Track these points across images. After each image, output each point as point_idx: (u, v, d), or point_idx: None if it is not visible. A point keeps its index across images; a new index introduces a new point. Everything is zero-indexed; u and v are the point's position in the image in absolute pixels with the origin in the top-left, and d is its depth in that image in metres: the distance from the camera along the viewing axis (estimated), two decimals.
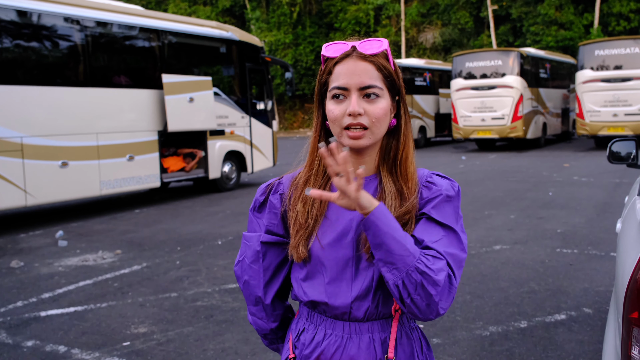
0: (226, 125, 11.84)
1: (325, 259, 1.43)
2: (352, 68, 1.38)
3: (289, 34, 38.45)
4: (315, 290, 1.45)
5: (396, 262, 1.28)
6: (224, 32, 12.03)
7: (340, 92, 1.38)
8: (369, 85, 1.37)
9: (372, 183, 1.47)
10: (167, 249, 7.10)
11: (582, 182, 11.81)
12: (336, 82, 1.39)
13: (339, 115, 1.38)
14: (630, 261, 1.97)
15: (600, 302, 4.77)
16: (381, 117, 1.39)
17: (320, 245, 1.43)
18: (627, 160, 3.77)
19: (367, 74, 1.38)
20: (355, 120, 1.36)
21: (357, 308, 1.41)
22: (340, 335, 1.43)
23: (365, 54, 1.38)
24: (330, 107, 1.40)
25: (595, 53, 18.73)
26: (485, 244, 6.88)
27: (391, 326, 1.43)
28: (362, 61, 1.38)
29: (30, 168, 8.42)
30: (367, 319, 1.42)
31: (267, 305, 1.56)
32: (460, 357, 3.83)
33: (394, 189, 1.43)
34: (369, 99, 1.38)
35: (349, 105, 1.36)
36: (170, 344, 4.18)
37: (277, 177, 1.58)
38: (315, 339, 1.46)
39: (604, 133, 18.42)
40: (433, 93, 24.51)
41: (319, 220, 1.45)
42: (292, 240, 1.46)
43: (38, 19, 8.76)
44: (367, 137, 1.38)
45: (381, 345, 1.42)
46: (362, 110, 1.36)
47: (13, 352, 4.11)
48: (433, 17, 36.93)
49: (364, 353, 1.41)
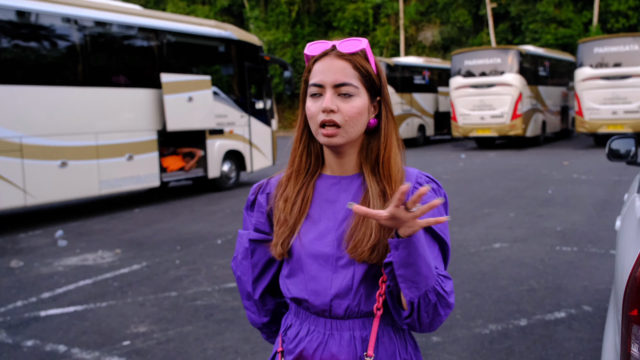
0: (225, 125, 11.83)
1: (305, 257, 1.45)
2: (328, 66, 1.39)
3: (287, 33, 38.44)
4: (297, 287, 1.47)
5: (419, 282, 1.30)
6: (223, 31, 12.02)
7: (317, 89, 1.40)
8: (343, 83, 1.38)
9: (355, 182, 1.48)
10: (166, 248, 7.09)
11: (582, 179, 11.81)
12: (313, 79, 1.41)
13: (315, 112, 1.39)
14: (629, 258, 1.97)
15: (600, 300, 4.77)
16: (354, 115, 1.39)
17: (301, 243, 1.45)
18: (627, 157, 3.77)
19: (342, 72, 1.38)
20: (327, 117, 1.37)
21: (338, 306, 1.42)
22: (322, 332, 1.44)
23: (343, 52, 1.39)
24: (308, 104, 1.42)
25: (594, 50, 18.73)
26: (485, 242, 6.88)
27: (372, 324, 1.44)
28: (339, 59, 1.39)
29: (30, 168, 8.41)
30: (348, 316, 1.43)
31: (256, 300, 1.61)
32: (460, 355, 3.83)
33: (377, 189, 1.43)
34: (343, 97, 1.38)
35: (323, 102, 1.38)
36: (170, 343, 4.18)
37: (269, 177, 1.61)
38: (299, 335, 1.48)
39: (603, 131, 18.42)
40: (432, 91, 24.50)
41: (300, 218, 1.47)
42: (274, 238, 1.49)
43: (37, 19, 8.75)
44: (340, 136, 1.39)
45: (362, 343, 1.43)
46: (336, 108, 1.37)
47: (13, 351, 4.11)
48: (432, 15, 36.94)
49: (345, 350, 1.42)
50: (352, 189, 1.47)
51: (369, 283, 1.42)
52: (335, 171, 1.49)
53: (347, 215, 1.44)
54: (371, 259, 1.38)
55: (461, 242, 6.80)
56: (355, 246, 1.39)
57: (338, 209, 1.46)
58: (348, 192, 1.47)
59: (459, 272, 5.63)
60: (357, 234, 1.40)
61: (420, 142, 23.51)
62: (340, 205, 1.46)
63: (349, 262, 1.41)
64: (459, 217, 8.29)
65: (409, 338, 1.51)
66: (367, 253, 1.38)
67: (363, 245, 1.38)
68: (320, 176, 1.51)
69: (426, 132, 24.02)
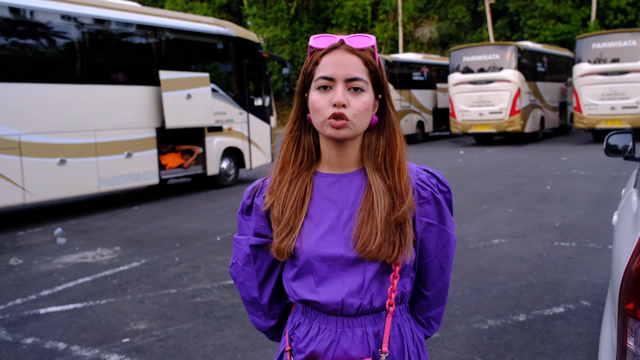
0: (224, 122, 11.83)
1: (314, 259, 1.43)
2: (339, 60, 1.38)
3: (286, 30, 38.36)
4: (306, 289, 1.46)
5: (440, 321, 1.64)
6: (221, 29, 12.01)
7: (327, 82, 1.38)
8: (355, 78, 1.38)
9: (356, 179, 1.47)
10: (166, 246, 7.10)
11: (580, 175, 11.82)
12: (322, 72, 1.39)
13: (324, 106, 1.38)
14: (625, 252, 1.98)
15: (598, 295, 4.78)
16: (363, 111, 1.39)
17: (307, 244, 1.44)
18: (624, 153, 3.77)
19: (354, 66, 1.38)
20: (338, 111, 1.37)
21: (350, 305, 1.42)
22: (334, 330, 1.44)
23: (353, 47, 1.39)
24: (315, 97, 1.40)
25: (592, 46, 18.72)
26: (484, 238, 6.90)
27: (384, 320, 1.45)
28: (350, 54, 1.39)
29: (28, 166, 8.41)
30: (360, 314, 1.43)
31: (263, 305, 1.58)
32: (459, 350, 3.84)
33: (383, 185, 1.43)
34: (353, 92, 1.38)
35: (334, 96, 1.37)
36: (170, 340, 4.19)
37: (262, 178, 1.58)
38: (309, 334, 1.47)
39: (602, 126, 18.42)
40: (431, 88, 24.49)
41: (299, 216, 1.45)
42: (275, 240, 1.47)
43: (35, 16, 8.74)
44: (348, 128, 1.38)
45: (374, 338, 1.44)
46: (346, 102, 1.37)
47: (13, 349, 4.11)
48: (430, 11, 36.87)
49: (358, 346, 1.43)
50: (354, 187, 1.46)
51: (380, 280, 1.43)
52: (334, 168, 1.47)
53: (352, 214, 1.43)
54: (380, 256, 1.39)
55: (460, 238, 6.81)
56: (363, 244, 1.39)
57: (342, 208, 1.45)
58: (350, 189, 1.46)
59: (457, 267, 5.64)
60: (364, 233, 1.39)
61: (419, 139, 23.51)
62: (343, 203, 1.45)
63: (359, 261, 1.41)
64: (458, 213, 8.30)
65: (416, 330, 1.53)
66: (376, 251, 1.38)
67: (371, 244, 1.38)
68: (316, 174, 1.49)
69: (425, 129, 24.01)
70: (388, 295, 1.42)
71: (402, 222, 1.41)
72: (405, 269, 1.45)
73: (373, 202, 1.41)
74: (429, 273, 1.53)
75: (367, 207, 1.41)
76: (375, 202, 1.40)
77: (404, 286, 1.46)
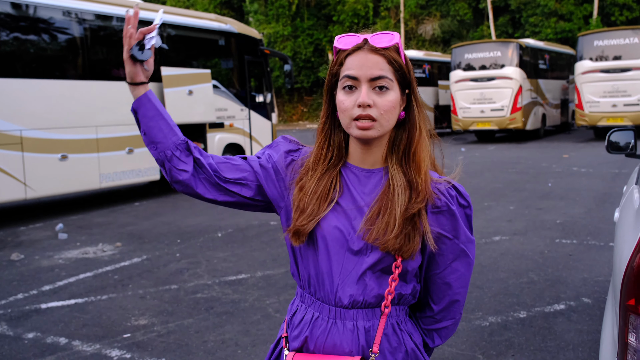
0: (225, 118, 11.83)
1: (320, 240, 1.45)
2: (363, 60, 1.39)
3: (287, 26, 38.33)
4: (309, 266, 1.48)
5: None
6: (223, 25, 12.00)
7: (351, 81, 1.40)
8: (379, 76, 1.39)
9: (377, 174, 1.48)
10: (167, 242, 7.11)
11: (582, 172, 11.82)
12: (347, 72, 1.41)
13: (350, 106, 1.40)
14: (627, 248, 1.98)
15: (599, 292, 4.78)
16: (389, 109, 1.40)
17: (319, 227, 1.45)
18: (626, 150, 3.77)
19: (377, 66, 1.39)
20: (364, 112, 1.38)
21: (342, 293, 1.43)
22: (326, 319, 1.46)
23: (377, 47, 1.40)
24: (341, 97, 1.42)
25: (594, 44, 18.70)
26: (485, 235, 6.90)
27: (378, 318, 1.45)
28: (373, 54, 1.39)
29: (30, 161, 8.42)
30: (352, 306, 1.44)
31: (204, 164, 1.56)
32: (459, 347, 3.84)
33: (403, 180, 1.44)
34: (378, 91, 1.39)
35: (359, 97, 1.38)
36: (171, 336, 4.19)
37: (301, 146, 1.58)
38: (304, 319, 1.49)
39: (603, 124, 18.41)
40: (432, 85, 24.47)
41: (323, 207, 1.46)
42: (292, 223, 1.47)
43: (37, 12, 8.74)
44: (375, 129, 1.40)
45: (364, 333, 1.44)
46: (372, 102, 1.38)
47: (14, 343, 4.12)
48: (432, 8, 36.84)
49: (347, 340, 1.43)
50: (374, 180, 1.48)
51: (377, 277, 1.43)
52: (360, 164, 1.49)
53: (367, 204, 1.45)
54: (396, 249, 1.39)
55: None
56: (376, 236, 1.39)
57: (360, 200, 1.46)
58: (370, 184, 1.47)
59: None
60: (379, 225, 1.40)
61: None
62: (361, 196, 1.47)
63: (361, 252, 1.42)
64: None
65: (414, 332, 1.52)
66: (392, 242, 1.38)
67: (387, 235, 1.39)
68: (345, 165, 1.51)
69: None
70: (385, 296, 1.43)
71: (416, 215, 1.41)
72: (406, 275, 1.45)
73: (394, 195, 1.42)
74: (435, 286, 1.52)
75: (386, 200, 1.42)
76: (396, 195, 1.42)
77: (402, 289, 1.46)
